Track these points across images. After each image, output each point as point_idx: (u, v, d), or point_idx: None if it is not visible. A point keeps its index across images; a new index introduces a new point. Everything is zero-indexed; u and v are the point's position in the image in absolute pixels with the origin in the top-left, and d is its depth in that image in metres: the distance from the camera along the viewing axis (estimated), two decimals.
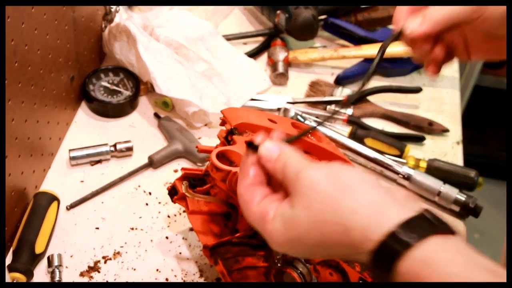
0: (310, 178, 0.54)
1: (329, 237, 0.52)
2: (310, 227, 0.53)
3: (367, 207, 0.51)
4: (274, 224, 0.56)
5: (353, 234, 0.50)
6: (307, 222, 0.53)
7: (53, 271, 0.86)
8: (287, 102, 1.15)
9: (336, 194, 0.52)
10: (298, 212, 0.54)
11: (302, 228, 0.53)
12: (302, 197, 0.54)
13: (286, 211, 0.55)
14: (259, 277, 0.79)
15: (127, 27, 1.09)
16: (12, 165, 0.87)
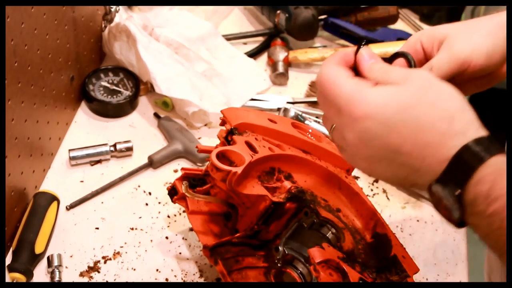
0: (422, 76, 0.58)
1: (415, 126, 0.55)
2: (407, 107, 0.56)
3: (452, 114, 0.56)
4: (378, 90, 0.57)
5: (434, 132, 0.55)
6: (409, 101, 0.56)
7: (53, 271, 0.86)
8: (287, 102, 1.15)
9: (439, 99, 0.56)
10: (405, 91, 0.56)
11: (403, 104, 0.56)
12: (413, 84, 0.57)
13: (393, 87, 0.57)
14: (259, 277, 0.79)
15: (127, 27, 1.09)
16: (12, 165, 0.87)
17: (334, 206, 0.82)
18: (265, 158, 0.77)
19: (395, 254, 0.78)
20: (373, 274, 0.76)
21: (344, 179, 0.85)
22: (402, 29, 1.32)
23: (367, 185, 1.03)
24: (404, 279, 0.77)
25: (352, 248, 0.78)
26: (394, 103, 0.56)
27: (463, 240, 0.96)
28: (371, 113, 0.56)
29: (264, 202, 0.74)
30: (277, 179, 0.79)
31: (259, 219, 0.76)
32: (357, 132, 0.58)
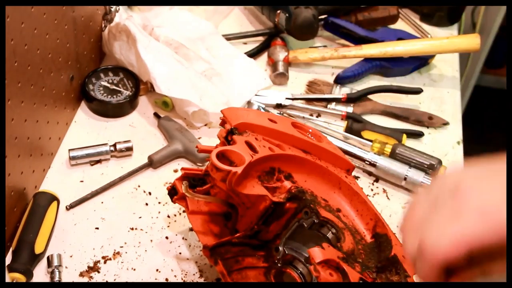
0: None
1: None
2: None
3: None
4: None
5: None
6: None
7: (52, 271, 0.86)
8: (286, 98, 1.16)
9: None
10: None
11: None
12: None
13: None
14: (259, 277, 0.79)
15: (127, 26, 1.09)
16: (12, 165, 0.87)
17: (334, 206, 0.82)
18: (265, 158, 0.77)
19: (395, 254, 0.77)
20: (373, 274, 0.76)
21: (344, 179, 0.85)
22: (402, 29, 1.32)
23: (367, 185, 1.03)
24: (404, 279, 0.76)
25: (352, 248, 0.78)
26: None
27: None
28: None
29: (264, 202, 0.74)
30: (277, 179, 0.79)
31: (259, 219, 0.76)
32: None
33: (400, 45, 1.21)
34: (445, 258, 0.53)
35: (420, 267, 0.55)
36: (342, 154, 0.90)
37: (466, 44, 1.21)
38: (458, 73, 1.27)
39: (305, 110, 1.15)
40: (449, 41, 1.21)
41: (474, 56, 2.06)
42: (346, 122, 1.11)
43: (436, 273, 0.54)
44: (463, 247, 0.52)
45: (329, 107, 1.15)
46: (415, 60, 1.24)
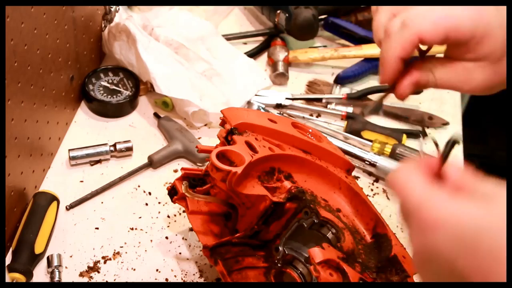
0: None
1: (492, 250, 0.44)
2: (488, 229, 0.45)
3: None
4: (456, 201, 0.47)
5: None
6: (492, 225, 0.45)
7: (52, 271, 0.86)
8: (286, 98, 1.16)
9: None
10: (489, 211, 0.46)
11: (486, 225, 0.45)
12: (499, 205, 0.46)
13: (475, 203, 0.47)
14: (259, 277, 0.79)
15: (127, 27, 1.09)
16: (12, 165, 0.86)
17: (334, 206, 0.82)
18: (265, 158, 0.77)
19: (395, 254, 0.77)
20: (373, 274, 0.76)
21: (344, 179, 0.85)
22: None
23: (367, 185, 1.03)
24: (405, 279, 0.76)
25: (352, 248, 0.78)
26: (470, 220, 0.46)
27: None
28: (441, 220, 0.47)
29: (264, 202, 0.74)
30: (277, 179, 0.79)
31: (259, 219, 0.76)
32: (422, 244, 0.49)
33: None
34: (425, 33, 0.62)
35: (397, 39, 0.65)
36: (342, 154, 0.90)
37: None
38: None
39: (305, 110, 1.15)
40: None
41: None
42: (346, 122, 1.11)
43: (410, 46, 0.64)
44: (442, 28, 0.62)
45: (329, 107, 1.15)
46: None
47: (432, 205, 0.48)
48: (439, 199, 0.48)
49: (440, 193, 0.49)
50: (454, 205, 0.47)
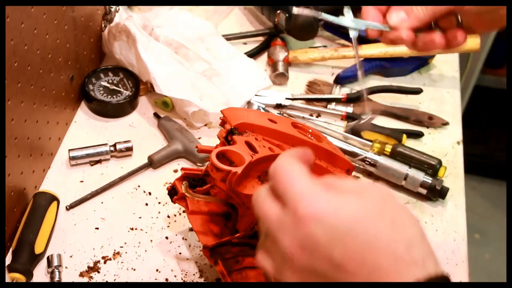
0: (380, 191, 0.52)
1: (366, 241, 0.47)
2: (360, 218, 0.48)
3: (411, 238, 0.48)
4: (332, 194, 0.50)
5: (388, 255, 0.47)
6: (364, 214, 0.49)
7: (52, 271, 0.86)
8: (286, 98, 1.16)
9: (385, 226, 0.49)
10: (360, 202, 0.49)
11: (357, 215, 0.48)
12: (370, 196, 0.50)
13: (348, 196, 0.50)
14: (259, 277, 0.79)
15: (127, 27, 1.09)
16: (12, 165, 0.87)
17: None
18: (265, 158, 0.77)
19: None
20: None
21: None
22: None
23: None
24: None
25: None
26: (346, 212, 0.48)
27: (463, 240, 0.96)
28: (319, 216, 0.48)
29: None
30: None
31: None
32: (298, 235, 0.49)
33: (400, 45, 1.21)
34: None
35: None
36: (342, 154, 0.90)
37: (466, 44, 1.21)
38: (458, 73, 1.27)
39: (305, 110, 1.15)
40: None
41: (474, 56, 2.06)
42: (346, 122, 1.11)
43: None
44: None
45: (329, 107, 1.15)
46: (415, 60, 1.24)
47: (311, 199, 0.49)
48: (318, 193, 0.50)
49: (318, 188, 0.50)
50: (331, 199, 0.49)
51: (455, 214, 1.00)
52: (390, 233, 0.48)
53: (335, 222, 0.48)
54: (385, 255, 0.47)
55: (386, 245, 0.47)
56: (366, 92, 0.90)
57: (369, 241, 0.47)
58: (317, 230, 0.48)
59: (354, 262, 0.47)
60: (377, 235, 0.48)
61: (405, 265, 0.47)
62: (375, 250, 0.47)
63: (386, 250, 0.47)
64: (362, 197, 0.50)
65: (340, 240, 0.48)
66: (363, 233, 0.48)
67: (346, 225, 0.48)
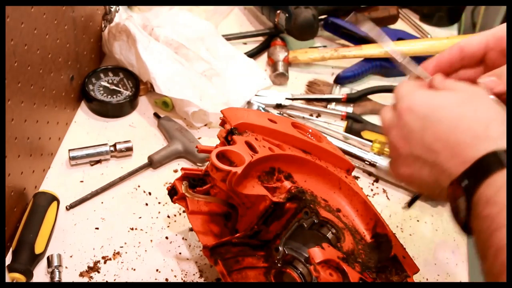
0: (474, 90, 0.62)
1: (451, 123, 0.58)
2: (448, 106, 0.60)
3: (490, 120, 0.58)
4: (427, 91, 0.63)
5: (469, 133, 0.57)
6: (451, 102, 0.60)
7: (52, 271, 0.86)
8: (286, 98, 1.16)
9: None
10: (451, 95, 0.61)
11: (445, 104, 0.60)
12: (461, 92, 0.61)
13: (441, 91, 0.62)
14: (259, 277, 0.79)
15: (127, 27, 1.09)
16: (12, 165, 0.86)
17: (334, 206, 0.82)
18: (265, 158, 0.77)
19: (395, 254, 0.77)
20: (373, 274, 0.76)
21: (344, 179, 0.85)
22: (402, 29, 1.32)
23: (367, 185, 1.03)
24: (404, 279, 0.77)
25: (352, 248, 0.78)
26: (436, 102, 0.60)
27: (463, 240, 0.96)
28: (412, 107, 0.61)
29: (264, 202, 0.74)
30: (277, 179, 0.79)
31: (259, 219, 0.76)
32: (399, 127, 0.62)
33: (400, 45, 1.21)
34: None
35: None
36: (342, 154, 0.90)
37: None
38: None
39: (305, 110, 1.15)
40: (449, 41, 1.21)
41: None
42: (346, 122, 1.11)
43: None
44: None
45: (329, 107, 1.15)
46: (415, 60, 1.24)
47: (410, 96, 0.63)
48: (416, 91, 0.63)
49: (419, 88, 0.64)
50: (426, 94, 0.63)
51: None
52: (472, 117, 0.58)
53: (425, 111, 0.60)
54: (465, 134, 0.57)
55: (467, 126, 0.57)
56: None
57: (452, 125, 0.58)
58: (411, 120, 0.61)
59: (440, 142, 0.59)
60: (460, 119, 0.58)
61: (481, 140, 0.56)
62: (457, 130, 0.58)
63: (467, 130, 0.57)
64: (454, 92, 0.61)
65: (430, 125, 0.60)
66: (448, 118, 0.59)
67: (434, 112, 0.60)
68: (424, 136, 0.60)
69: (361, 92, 1.17)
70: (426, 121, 0.60)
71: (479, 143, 0.56)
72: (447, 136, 0.58)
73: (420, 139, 0.60)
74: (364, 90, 1.17)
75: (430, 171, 0.60)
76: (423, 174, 0.61)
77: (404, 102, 0.63)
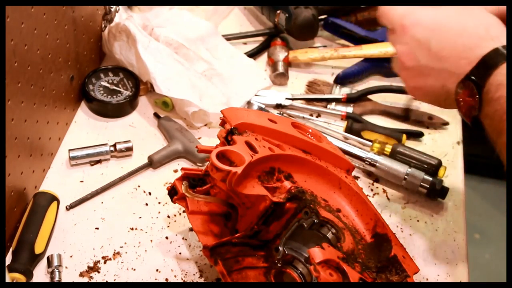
0: None
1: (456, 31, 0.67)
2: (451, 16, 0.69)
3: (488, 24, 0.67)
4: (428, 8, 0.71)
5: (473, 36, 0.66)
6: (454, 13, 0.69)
7: (52, 271, 0.86)
8: (286, 98, 1.16)
9: None
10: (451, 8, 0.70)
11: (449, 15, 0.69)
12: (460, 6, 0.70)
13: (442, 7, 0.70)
14: (259, 277, 0.79)
15: (127, 27, 1.09)
16: (12, 165, 0.87)
17: (334, 206, 0.82)
18: (265, 158, 0.77)
19: (395, 254, 0.77)
20: (373, 274, 0.76)
21: (344, 179, 0.85)
22: None
23: (367, 185, 1.03)
24: (404, 279, 0.77)
25: (352, 248, 0.78)
26: (441, 14, 0.68)
27: (463, 240, 0.96)
28: (417, 21, 0.69)
29: (264, 202, 0.74)
30: (277, 179, 0.79)
31: (259, 219, 0.76)
32: (404, 41, 0.70)
33: None
34: None
35: None
36: (342, 154, 0.91)
37: None
38: None
39: (305, 110, 1.15)
40: None
41: None
42: (346, 122, 1.11)
43: None
44: None
45: (329, 107, 1.15)
46: None
47: (413, 11, 0.71)
48: (418, 8, 0.71)
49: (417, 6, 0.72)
50: (428, 10, 0.70)
51: (455, 214, 1.00)
52: (473, 23, 0.67)
53: (431, 22, 0.69)
54: (470, 37, 0.66)
55: (470, 31, 0.66)
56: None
57: (458, 32, 0.67)
58: (417, 32, 0.69)
59: (446, 49, 0.67)
60: (464, 26, 0.67)
61: (485, 40, 0.65)
62: (463, 35, 0.66)
63: (471, 34, 0.66)
64: (454, 7, 0.69)
65: (436, 34, 0.68)
66: (453, 27, 0.67)
67: (441, 23, 0.68)
68: (431, 45, 0.68)
69: (361, 92, 1.16)
70: (434, 32, 0.68)
71: (483, 43, 0.65)
72: (454, 42, 0.66)
73: (426, 48, 0.68)
74: (364, 90, 1.17)
75: (437, 78, 0.69)
76: (430, 82, 0.70)
77: (409, 19, 0.70)
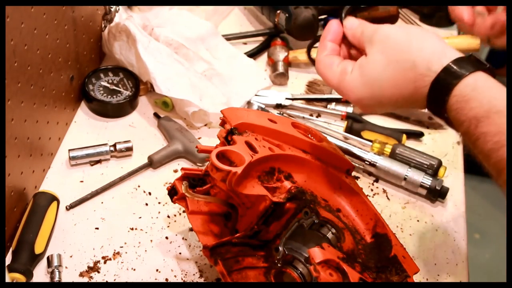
0: (385, 30, 0.69)
1: (399, 74, 0.66)
2: (384, 67, 0.67)
3: (431, 48, 0.66)
4: (352, 74, 0.69)
5: (419, 68, 0.65)
6: (381, 64, 0.67)
7: (52, 271, 0.86)
8: (286, 98, 1.16)
9: (407, 39, 0.67)
10: (373, 57, 0.68)
11: (378, 69, 0.67)
12: (378, 44, 0.68)
13: (363, 60, 0.69)
14: (259, 277, 0.79)
15: (127, 27, 1.09)
16: (12, 165, 0.87)
17: (334, 206, 0.82)
18: (265, 158, 0.77)
19: (395, 254, 0.77)
20: (373, 274, 0.76)
21: (344, 179, 0.85)
22: None
23: (367, 185, 1.03)
24: (404, 279, 0.77)
25: (352, 248, 0.78)
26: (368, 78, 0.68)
27: (463, 240, 0.96)
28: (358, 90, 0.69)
29: (264, 202, 0.74)
30: (277, 179, 0.79)
31: (259, 219, 0.76)
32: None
33: None
34: None
35: None
36: (342, 154, 0.90)
37: (466, 44, 1.21)
38: None
39: (305, 110, 1.15)
40: (449, 41, 1.21)
41: None
42: (346, 122, 1.11)
43: None
44: None
45: (329, 107, 1.15)
46: None
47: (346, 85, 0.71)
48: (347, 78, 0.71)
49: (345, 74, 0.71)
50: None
51: (455, 214, 1.00)
52: (431, 44, 0.67)
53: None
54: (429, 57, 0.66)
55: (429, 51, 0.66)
56: None
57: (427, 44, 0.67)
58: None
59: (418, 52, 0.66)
60: (430, 42, 0.67)
61: (447, 52, 0.65)
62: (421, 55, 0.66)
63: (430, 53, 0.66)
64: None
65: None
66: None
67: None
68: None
69: None
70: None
71: (448, 51, 0.65)
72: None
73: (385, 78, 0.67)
74: None
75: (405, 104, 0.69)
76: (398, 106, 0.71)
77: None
